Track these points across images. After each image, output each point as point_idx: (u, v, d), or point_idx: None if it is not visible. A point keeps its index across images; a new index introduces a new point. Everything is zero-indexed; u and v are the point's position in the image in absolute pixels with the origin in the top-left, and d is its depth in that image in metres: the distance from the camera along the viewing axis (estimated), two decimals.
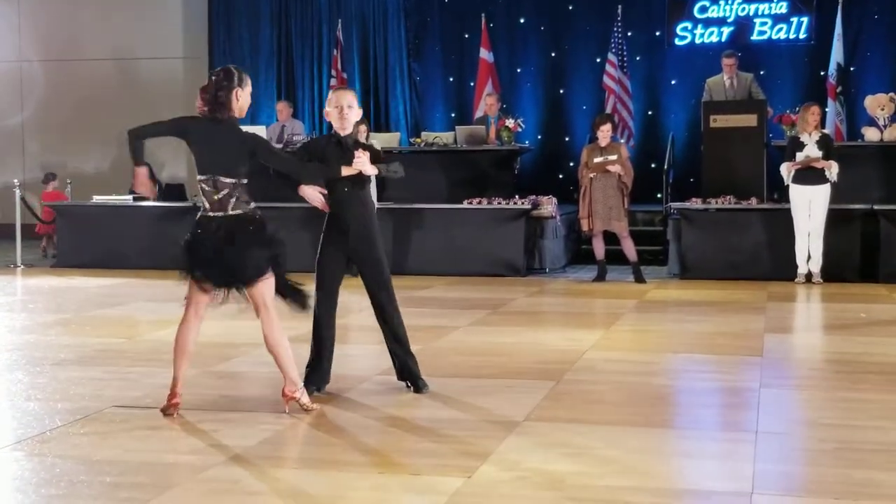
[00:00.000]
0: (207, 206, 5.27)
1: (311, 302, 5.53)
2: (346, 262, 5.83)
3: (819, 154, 10.75)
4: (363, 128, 11.96)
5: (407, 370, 5.82)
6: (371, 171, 5.61)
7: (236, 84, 5.28)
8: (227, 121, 5.27)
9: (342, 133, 5.69)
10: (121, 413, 5.34)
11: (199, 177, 5.30)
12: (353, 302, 9.65)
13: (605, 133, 10.98)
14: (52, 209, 14.04)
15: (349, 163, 5.55)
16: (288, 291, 5.39)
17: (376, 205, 11.98)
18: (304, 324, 5.83)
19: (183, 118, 5.52)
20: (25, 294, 10.65)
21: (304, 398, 5.34)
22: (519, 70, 15.77)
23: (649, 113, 15.45)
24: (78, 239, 13.01)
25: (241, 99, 5.31)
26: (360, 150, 5.60)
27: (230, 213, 5.23)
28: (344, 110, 5.65)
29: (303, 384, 5.41)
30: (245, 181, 5.27)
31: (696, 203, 11.71)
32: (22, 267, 12.84)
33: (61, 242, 13.26)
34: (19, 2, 17.56)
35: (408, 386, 5.80)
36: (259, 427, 5.00)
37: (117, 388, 5.93)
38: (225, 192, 5.21)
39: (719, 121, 12.19)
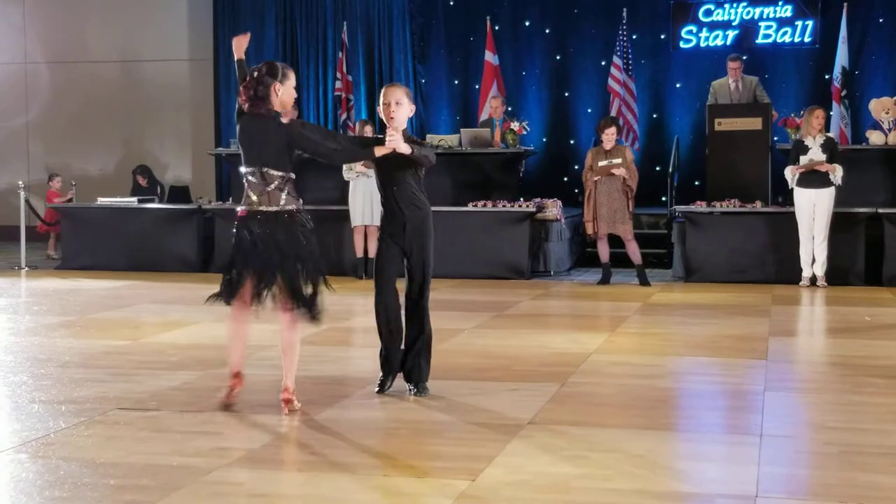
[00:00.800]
0: (254, 198, 5.26)
1: (323, 317, 5.47)
2: (402, 259, 5.80)
3: (823, 157, 10.74)
4: (368, 128, 11.99)
5: (416, 372, 5.80)
6: (404, 149, 5.51)
7: (277, 78, 5.26)
8: (267, 115, 5.26)
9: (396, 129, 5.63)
10: (125, 415, 5.34)
11: (244, 169, 5.29)
12: (358, 305, 9.66)
13: (609, 136, 10.98)
14: (55, 210, 14.04)
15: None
16: (305, 300, 5.32)
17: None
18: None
19: (238, 110, 5.46)
20: (30, 296, 10.66)
21: (295, 401, 5.37)
22: (524, 73, 15.78)
23: (654, 116, 15.45)
24: (82, 241, 13.02)
25: (282, 93, 5.30)
26: (392, 128, 5.56)
27: (277, 207, 5.22)
28: (392, 107, 5.63)
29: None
30: (293, 176, 5.27)
31: (700, 206, 11.70)
32: (26, 269, 12.86)
33: (65, 244, 13.27)
34: (24, 4, 17.60)
35: (410, 390, 5.79)
36: (264, 429, 5.01)
37: (122, 390, 5.93)
38: (274, 185, 5.22)
39: (724, 124, 12.19)
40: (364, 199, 11.61)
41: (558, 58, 15.73)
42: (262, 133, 5.27)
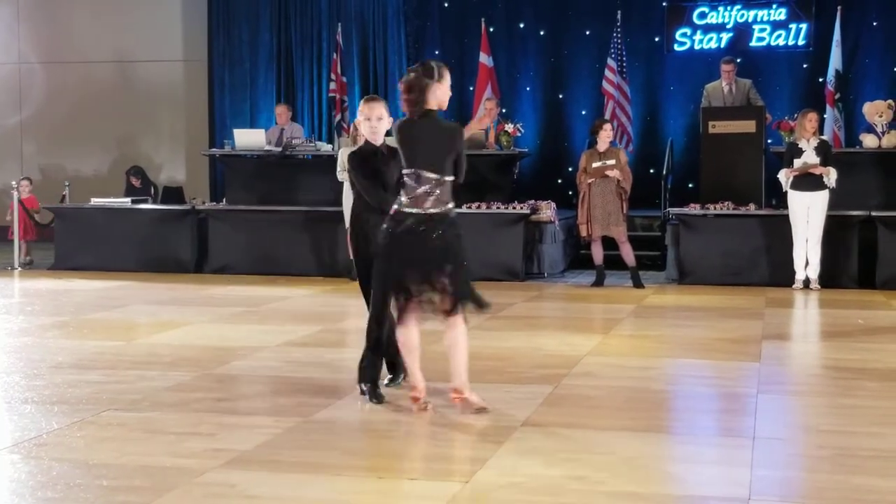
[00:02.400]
0: (405, 200, 5.26)
1: (487, 302, 5.53)
2: None
3: (817, 160, 10.76)
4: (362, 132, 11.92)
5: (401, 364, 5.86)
6: None
7: (432, 79, 5.27)
8: (426, 116, 5.28)
9: (376, 144, 5.77)
10: (118, 416, 5.33)
11: (403, 171, 5.31)
12: (351, 306, 9.65)
13: (605, 135, 10.99)
14: (28, 212, 13.81)
15: (394, 169, 5.54)
16: (472, 295, 5.39)
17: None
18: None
19: (396, 125, 5.51)
20: (23, 296, 10.64)
21: (474, 397, 5.33)
22: (518, 75, 15.78)
23: (648, 118, 15.46)
24: (76, 241, 12.99)
25: (439, 93, 5.30)
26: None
27: (427, 210, 5.22)
28: (373, 122, 5.72)
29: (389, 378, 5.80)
30: (449, 178, 5.27)
31: (694, 209, 11.72)
32: (19, 269, 12.83)
33: (59, 244, 13.23)
34: (18, 3, 17.57)
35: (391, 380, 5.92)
36: (257, 431, 5.00)
37: (115, 391, 5.92)
38: (426, 187, 5.20)
39: (718, 127, 12.20)
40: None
41: (553, 60, 15.74)
42: (421, 134, 5.28)
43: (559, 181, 15.27)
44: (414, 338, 5.39)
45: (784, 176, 10.88)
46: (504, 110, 14.55)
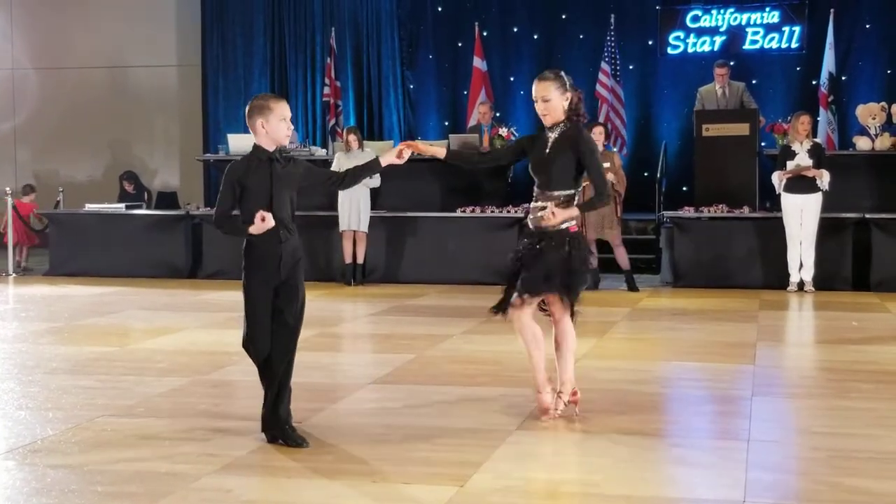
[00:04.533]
0: (530, 216, 5.32)
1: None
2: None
3: (810, 163, 10.78)
4: (352, 137, 11.89)
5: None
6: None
7: (564, 88, 5.22)
8: (554, 128, 5.26)
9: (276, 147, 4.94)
10: (113, 422, 5.32)
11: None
12: (346, 311, 9.66)
13: (595, 135, 10.99)
14: (22, 220, 13.80)
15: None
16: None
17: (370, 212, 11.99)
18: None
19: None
20: (17, 302, 10.62)
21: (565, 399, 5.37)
22: (512, 79, 15.80)
23: (642, 122, 15.49)
24: (70, 247, 12.98)
25: (566, 105, 5.22)
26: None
27: (542, 226, 5.23)
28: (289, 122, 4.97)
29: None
30: (571, 192, 5.22)
31: (688, 211, 11.73)
32: (14, 275, 12.82)
33: (53, 250, 13.22)
34: (11, 10, 17.56)
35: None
36: (251, 436, 4.99)
37: (109, 396, 5.91)
38: (547, 203, 5.20)
39: (712, 130, 12.22)
40: (351, 205, 11.63)
41: (546, 63, 15.73)
42: (543, 149, 5.29)
43: None
44: (534, 332, 5.40)
45: (777, 178, 10.90)
46: (498, 114, 14.57)
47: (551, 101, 5.21)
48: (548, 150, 5.26)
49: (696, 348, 7.64)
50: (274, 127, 4.89)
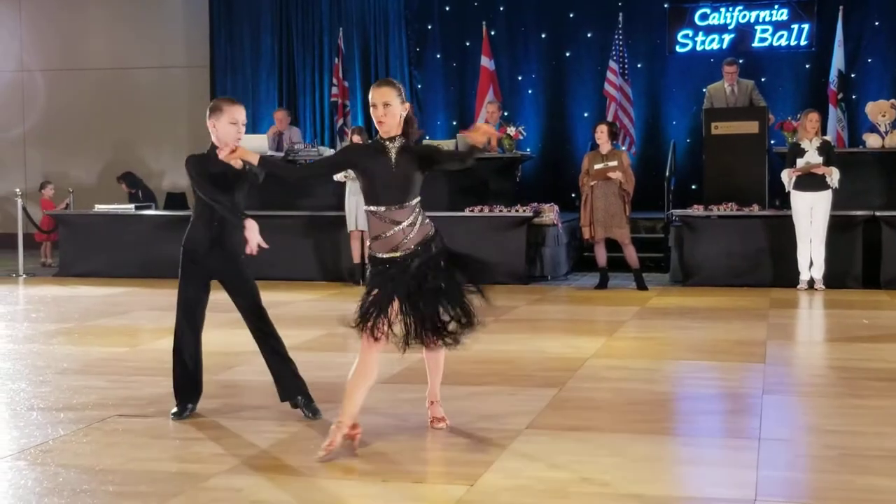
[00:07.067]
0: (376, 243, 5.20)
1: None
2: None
3: (820, 160, 10.75)
4: (359, 137, 11.89)
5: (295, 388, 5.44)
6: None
7: (402, 98, 5.02)
8: (394, 139, 4.97)
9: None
10: (124, 422, 5.34)
11: None
12: (349, 309, 9.64)
13: (599, 136, 11.00)
14: (53, 218, 14.05)
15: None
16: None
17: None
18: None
19: None
20: (28, 303, 10.65)
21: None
22: (520, 78, 15.79)
23: (650, 120, 15.46)
24: (80, 248, 13.02)
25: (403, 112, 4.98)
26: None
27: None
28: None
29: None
30: (419, 198, 5.09)
31: (697, 210, 11.72)
32: (24, 276, 12.85)
33: (63, 251, 13.27)
34: (21, 11, 17.61)
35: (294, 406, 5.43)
36: (262, 435, 5.00)
37: (120, 396, 5.93)
38: (398, 222, 5.14)
39: (721, 128, 12.21)
40: (359, 205, 11.61)
41: (554, 62, 15.75)
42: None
43: (561, 184, 15.28)
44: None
45: (787, 176, 10.88)
46: (506, 113, 14.57)
47: (392, 106, 4.88)
48: (394, 165, 4.89)
49: (706, 347, 7.63)
50: (222, 128, 5.08)
